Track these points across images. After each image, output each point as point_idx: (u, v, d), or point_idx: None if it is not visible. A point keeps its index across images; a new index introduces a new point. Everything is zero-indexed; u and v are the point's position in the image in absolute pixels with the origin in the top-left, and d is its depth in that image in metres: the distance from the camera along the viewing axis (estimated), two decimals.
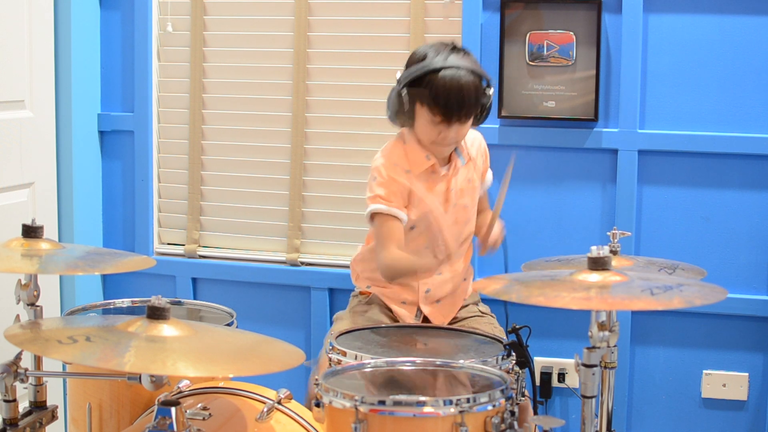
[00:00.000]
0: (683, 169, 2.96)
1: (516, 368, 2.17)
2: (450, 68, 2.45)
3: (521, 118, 2.95)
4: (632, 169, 2.96)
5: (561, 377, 3.07)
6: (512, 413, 1.82)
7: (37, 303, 2.11)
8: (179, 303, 2.63)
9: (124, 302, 2.59)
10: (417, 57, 2.51)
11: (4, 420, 1.97)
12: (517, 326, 2.34)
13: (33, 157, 3.12)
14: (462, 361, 2.04)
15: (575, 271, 1.85)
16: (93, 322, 1.91)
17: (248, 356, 1.81)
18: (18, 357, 1.95)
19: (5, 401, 1.95)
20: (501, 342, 2.29)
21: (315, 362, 2.55)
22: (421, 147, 2.56)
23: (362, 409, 1.75)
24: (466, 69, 2.46)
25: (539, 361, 3.08)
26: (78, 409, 2.26)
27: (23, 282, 2.10)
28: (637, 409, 3.06)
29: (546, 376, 3.06)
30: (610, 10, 2.93)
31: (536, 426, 1.89)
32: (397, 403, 1.75)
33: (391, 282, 2.62)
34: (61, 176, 3.26)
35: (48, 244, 2.13)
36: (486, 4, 3.02)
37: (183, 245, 3.40)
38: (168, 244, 3.45)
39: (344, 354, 2.14)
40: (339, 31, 3.22)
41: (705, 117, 2.93)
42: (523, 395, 2.25)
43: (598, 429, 2.09)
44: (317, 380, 1.88)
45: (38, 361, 2.11)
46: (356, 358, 2.10)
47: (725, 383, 2.98)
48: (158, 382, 1.74)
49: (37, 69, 3.13)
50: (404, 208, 2.54)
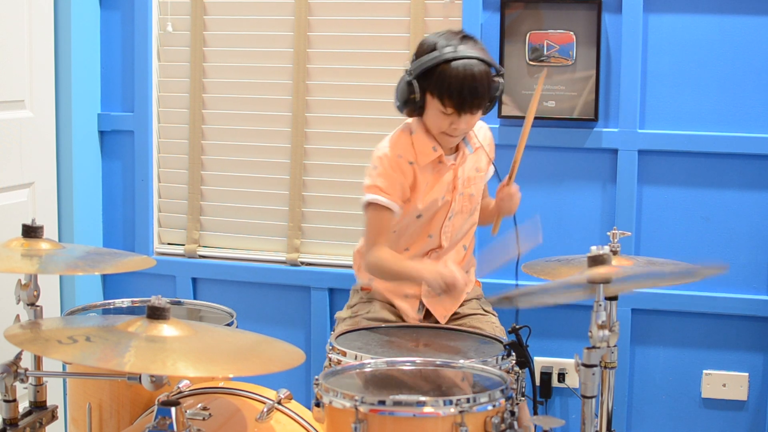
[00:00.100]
0: (683, 169, 2.96)
1: (516, 368, 2.18)
2: (461, 58, 2.40)
3: (521, 118, 2.95)
4: (632, 169, 2.96)
5: (561, 377, 3.07)
6: (512, 413, 1.82)
7: (37, 303, 2.12)
8: (179, 303, 2.63)
9: (124, 302, 2.59)
10: (427, 46, 2.46)
11: (4, 420, 1.97)
12: (517, 326, 2.34)
13: (33, 157, 3.12)
14: (462, 361, 2.04)
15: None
16: (93, 322, 1.92)
17: (248, 356, 1.80)
18: (18, 357, 1.95)
19: (5, 401, 1.95)
20: (501, 342, 2.29)
21: None
22: (429, 138, 2.53)
23: (362, 409, 1.75)
24: (478, 59, 2.42)
25: (539, 361, 3.07)
26: (78, 409, 2.26)
27: (23, 282, 2.10)
28: (637, 409, 3.06)
29: (546, 376, 3.06)
30: (610, 10, 2.93)
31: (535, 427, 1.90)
32: (397, 403, 1.75)
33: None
34: (61, 176, 3.26)
35: (48, 244, 2.13)
36: (486, 4, 3.02)
37: (183, 245, 3.40)
38: (168, 244, 3.45)
39: (344, 354, 2.14)
40: (339, 31, 3.22)
41: (705, 117, 2.93)
42: (523, 395, 2.26)
43: (598, 429, 2.09)
44: (317, 380, 1.88)
45: (38, 361, 2.11)
46: (356, 358, 2.10)
47: (725, 383, 2.98)
48: (158, 382, 1.74)
49: (37, 69, 3.12)
50: (401, 201, 2.52)
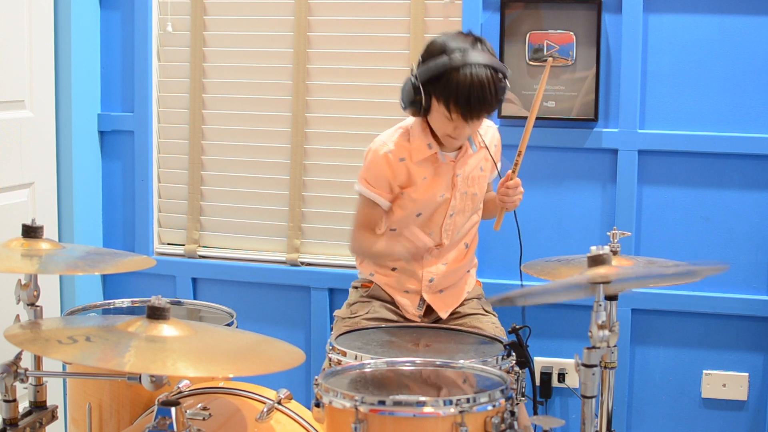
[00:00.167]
0: (683, 169, 2.96)
1: (516, 368, 2.18)
2: (470, 66, 2.37)
3: (521, 118, 2.95)
4: (632, 169, 2.96)
5: (561, 377, 3.07)
6: (512, 413, 1.82)
7: (37, 303, 2.11)
8: (179, 303, 2.63)
9: (124, 302, 2.59)
10: (435, 49, 2.43)
11: (4, 420, 1.97)
12: (517, 326, 2.34)
13: (33, 157, 3.12)
14: (462, 361, 2.04)
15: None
16: (93, 322, 1.91)
17: (248, 356, 1.80)
18: (18, 357, 1.95)
19: (5, 401, 1.95)
20: (501, 342, 2.29)
21: None
22: (425, 135, 2.53)
23: (362, 409, 1.75)
24: (486, 66, 2.39)
25: (539, 361, 3.07)
26: (78, 409, 2.26)
27: (23, 282, 2.10)
28: (637, 409, 3.06)
29: (546, 376, 3.06)
30: (610, 10, 2.93)
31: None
32: (397, 403, 1.75)
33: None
34: (61, 176, 3.26)
35: (48, 244, 2.13)
36: (486, 4, 3.02)
37: (183, 245, 3.40)
38: (168, 244, 3.45)
39: (344, 354, 2.14)
40: (339, 31, 3.22)
41: (705, 117, 2.93)
42: (523, 395, 2.26)
43: (598, 429, 2.09)
44: (317, 380, 1.88)
45: (38, 361, 2.11)
46: (356, 358, 2.10)
47: (725, 383, 2.98)
48: (158, 382, 1.74)
49: (37, 69, 3.12)
50: (388, 195, 2.56)
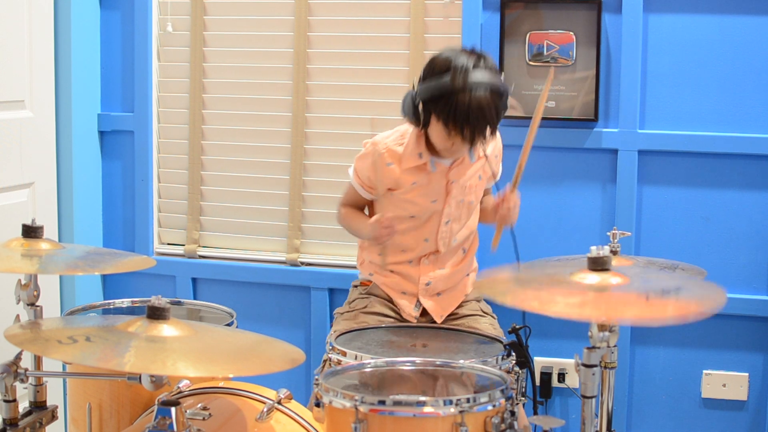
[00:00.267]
0: (683, 169, 2.96)
1: (516, 368, 2.18)
2: (470, 88, 2.33)
3: (521, 118, 2.95)
4: (632, 169, 2.96)
5: (561, 377, 3.07)
6: (512, 413, 1.82)
7: (37, 303, 2.12)
8: (179, 303, 2.63)
9: (124, 302, 2.59)
10: (437, 67, 2.39)
11: (4, 420, 1.97)
12: (517, 326, 2.34)
13: (33, 157, 3.12)
14: (462, 361, 2.04)
15: (575, 271, 1.85)
16: (93, 322, 1.92)
17: (248, 356, 1.80)
18: (18, 357, 1.95)
19: (5, 401, 1.95)
20: (501, 342, 2.29)
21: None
22: (419, 144, 2.53)
23: (362, 409, 1.75)
24: (487, 88, 2.35)
25: (539, 361, 3.07)
26: (78, 409, 2.26)
27: (23, 282, 2.10)
28: (637, 409, 3.06)
29: (546, 376, 3.06)
30: (610, 10, 2.93)
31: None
32: (397, 403, 1.75)
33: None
34: (61, 176, 3.26)
35: (48, 244, 2.13)
36: (486, 4, 3.02)
37: (183, 245, 3.40)
38: (168, 244, 3.45)
39: (344, 354, 2.14)
40: (339, 31, 3.22)
41: (705, 117, 2.93)
42: (523, 395, 2.26)
43: (598, 429, 2.09)
44: (317, 380, 1.88)
45: (38, 361, 2.11)
46: (356, 358, 2.10)
47: (725, 383, 2.98)
48: (158, 382, 1.74)
49: (37, 69, 3.12)
50: (370, 189, 2.63)
